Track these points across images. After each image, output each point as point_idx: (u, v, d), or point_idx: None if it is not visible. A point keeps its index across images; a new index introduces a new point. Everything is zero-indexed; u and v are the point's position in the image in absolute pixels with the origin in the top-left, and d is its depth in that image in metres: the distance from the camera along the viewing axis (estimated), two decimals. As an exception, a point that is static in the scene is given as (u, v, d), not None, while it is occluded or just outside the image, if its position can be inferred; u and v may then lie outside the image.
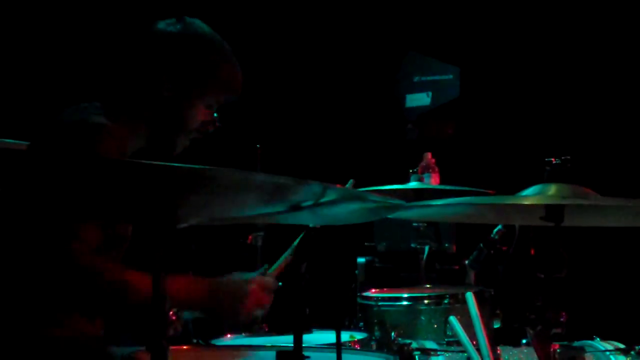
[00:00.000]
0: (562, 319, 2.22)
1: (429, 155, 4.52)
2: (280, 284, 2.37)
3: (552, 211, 2.13)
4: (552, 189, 2.23)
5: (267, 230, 3.75)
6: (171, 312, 1.70)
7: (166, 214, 1.54)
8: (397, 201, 1.77)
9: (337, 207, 1.78)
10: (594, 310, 4.48)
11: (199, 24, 2.62)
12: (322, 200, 1.69)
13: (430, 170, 4.50)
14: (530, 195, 2.22)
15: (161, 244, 1.60)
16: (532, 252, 3.25)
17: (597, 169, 4.53)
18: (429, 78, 5.34)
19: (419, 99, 5.35)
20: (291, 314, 1.91)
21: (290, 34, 5.36)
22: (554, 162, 2.30)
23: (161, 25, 2.59)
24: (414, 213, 2.70)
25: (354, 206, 1.81)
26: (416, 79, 5.38)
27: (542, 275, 2.24)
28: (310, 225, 2.05)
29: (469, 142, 5.27)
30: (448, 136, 5.35)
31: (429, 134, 5.26)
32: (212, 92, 2.59)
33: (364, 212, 1.87)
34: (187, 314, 2.36)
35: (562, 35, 5.09)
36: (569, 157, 2.29)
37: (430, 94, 5.33)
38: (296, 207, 1.73)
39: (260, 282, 2.42)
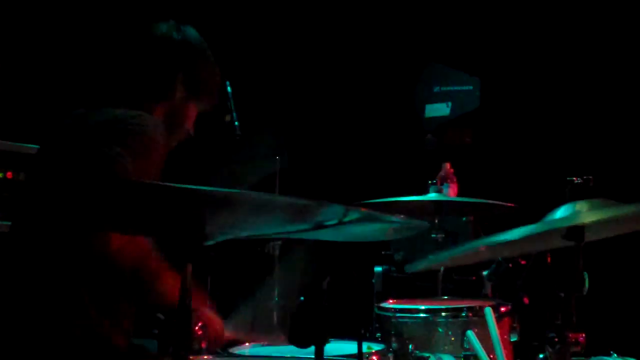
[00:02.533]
0: (581, 339, 2.23)
1: (447, 165, 4.53)
2: (302, 298, 2.39)
3: (573, 232, 2.13)
4: (575, 207, 2.23)
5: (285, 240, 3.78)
6: (197, 327, 1.72)
7: (194, 232, 1.56)
8: (419, 222, 1.79)
9: (360, 226, 1.80)
10: (611, 325, 4.47)
11: (194, 30, 2.79)
12: (345, 219, 1.71)
13: (449, 181, 4.51)
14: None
15: (189, 260, 1.63)
16: (549, 260, 3.26)
17: (620, 188, 4.51)
18: (448, 88, 5.35)
19: (439, 110, 5.36)
20: (313, 329, 1.92)
21: (311, 46, 5.37)
22: (575, 181, 2.30)
23: (170, 31, 2.73)
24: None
25: (377, 225, 1.82)
26: (436, 89, 5.39)
27: (562, 294, 2.25)
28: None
29: (488, 152, 5.27)
30: (467, 146, 5.35)
31: (448, 143, 5.27)
32: (207, 96, 2.79)
33: (387, 231, 1.89)
34: None
35: (587, 51, 5.07)
36: (590, 177, 2.29)
37: (449, 104, 5.34)
38: (320, 226, 1.75)
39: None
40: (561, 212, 2.23)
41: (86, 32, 4.64)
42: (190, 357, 1.83)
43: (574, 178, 2.30)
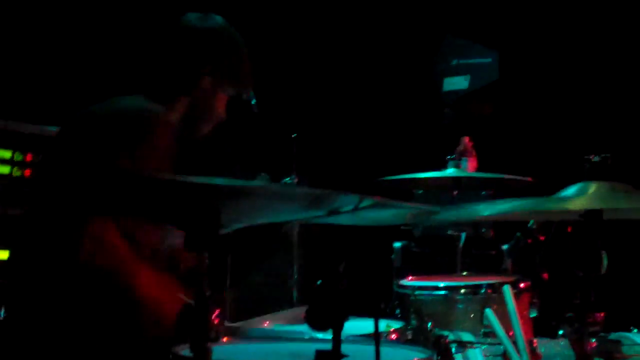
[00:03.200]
0: (599, 318, 2.22)
1: (466, 139, 4.51)
2: (319, 282, 2.39)
3: (592, 215, 2.12)
4: (592, 187, 2.22)
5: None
6: (213, 316, 1.73)
7: (209, 222, 1.57)
8: (432, 208, 1.79)
9: (375, 211, 1.80)
10: (633, 301, 4.45)
11: (221, 19, 2.77)
12: (361, 206, 1.71)
13: (468, 155, 4.50)
14: (570, 198, 2.20)
15: (205, 249, 1.64)
16: (569, 230, 3.24)
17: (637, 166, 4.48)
18: (467, 61, 5.31)
19: (457, 83, 5.32)
20: (330, 313, 1.93)
21: (326, 18, 5.34)
22: (593, 159, 2.29)
23: (197, 21, 2.72)
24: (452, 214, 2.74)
25: (394, 210, 1.82)
26: (454, 62, 5.35)
27: (581, 274, 2.24)
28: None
29: (507, 126, 5.24)
30: (486, 118, 5.32)
31: (467, 116, 5.24)
32: (236, 83, 2.77)
33: (406, 216, 1.89)
34: None
35: (605, 26, 5.00)
36: (608, 155, 2.28)
37: (468, 77, 5.29)
38: (335, 212, 1.75)
39: None
40: (577, 191, 2.22)
41: (111, 22, 4.63)
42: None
43: (592, 156, 2.28)
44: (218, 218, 1.51)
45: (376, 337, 2.10)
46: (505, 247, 3.78)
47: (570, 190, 2.24)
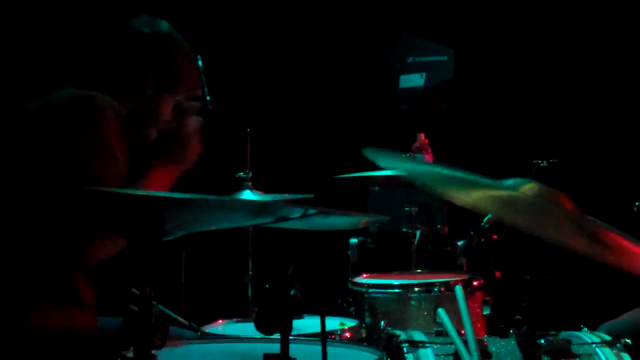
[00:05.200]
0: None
1: (422, 136, 4.53)
2: (267, 286, 2.39)
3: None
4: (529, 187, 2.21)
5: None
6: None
7: (152, 231, 1.56)
8: (378, 217, 1.80)
9: (328, 218, 1.80)
10: (583, 299, 4.51)
11: (167, 24, 2.77)
12: (309, 213, 1.71)
13: (424, 152, 4.52)
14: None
15: (148, 257, 1.63)
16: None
17: (585, 173, 4.54)
18: (423, 59, 5.32)
19: (413, 80, 5.33)
20: (277, 317, 1.93)
21: (281, 13, 5.33)
22: (541, 164, 2.31)
23: (141, 26, 2.72)
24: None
25: (345, 217, 1.83)
26: (410, 59, 5.36)
27: (528, 277, 2.26)
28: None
29: (464, 123, 5.27)
30: (443, 114, 5.34)
31: (423, 113, 5.25)
32: (180, 89, 2.75)
33: (357, 222, 1.90)
34: None
35: (563, 28, 5.05)
36: (556, 160, 2.30)
37: (424, 74, 5.31)
38: (284, 219, 1.75)
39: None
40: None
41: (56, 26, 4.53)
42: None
43: (540, 161, 2.30)
44: (161, 228, 1.50)
45: (323, 337, 2.10)
46: (460, 243, 3.80)
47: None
